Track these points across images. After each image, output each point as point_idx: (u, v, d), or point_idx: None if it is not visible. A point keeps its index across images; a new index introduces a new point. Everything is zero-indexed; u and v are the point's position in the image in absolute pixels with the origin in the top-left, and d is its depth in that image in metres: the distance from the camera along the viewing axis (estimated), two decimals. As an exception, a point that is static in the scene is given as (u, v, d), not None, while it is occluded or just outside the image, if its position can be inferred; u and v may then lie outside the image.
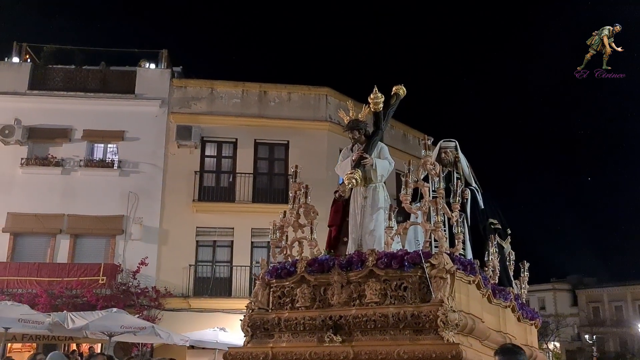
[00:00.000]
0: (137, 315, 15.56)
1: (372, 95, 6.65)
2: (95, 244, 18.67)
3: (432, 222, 5.65)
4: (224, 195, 19.37)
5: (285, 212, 6.50)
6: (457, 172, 7.44)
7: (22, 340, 15.87)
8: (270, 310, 5.93)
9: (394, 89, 7.01)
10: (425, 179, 6.34)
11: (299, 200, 6.40)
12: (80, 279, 17.48)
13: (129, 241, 18.59)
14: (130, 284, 17.88)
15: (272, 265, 6.15)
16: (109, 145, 19.50)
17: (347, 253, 6.06)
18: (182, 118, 19.45)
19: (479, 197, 7.49)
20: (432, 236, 5.70)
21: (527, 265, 8.24)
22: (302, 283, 5.76)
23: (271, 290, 6.03)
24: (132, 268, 17.99)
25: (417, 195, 6.29)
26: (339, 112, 7.04)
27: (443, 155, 7.43)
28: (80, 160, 18.90)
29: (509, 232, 7.93)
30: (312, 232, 6.24)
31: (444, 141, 7.65)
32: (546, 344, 50.87)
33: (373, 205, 6.44)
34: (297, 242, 6.36)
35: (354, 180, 6.21)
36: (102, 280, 17.57)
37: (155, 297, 17.84)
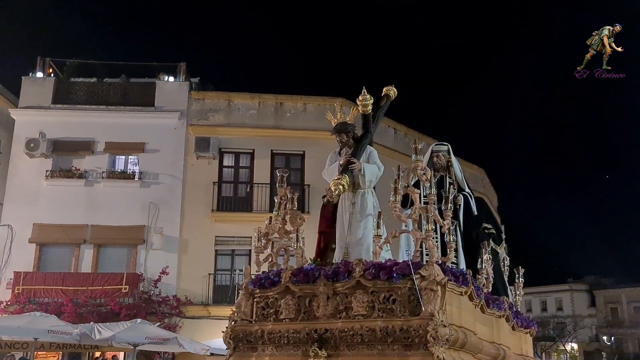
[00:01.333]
0: (158, 324, 15.63)
1: (360, 97, 6.35)
2: (117, 254, 18.98)
3: (422, 230, 5.37)
4: (241, 205, 19.50)
5: (270, 218, 6.22)
6: (449, 177, 7.09)
7: (50, 349, 16.36)
8: (253, 322, 5.62)
9: (384, 90, 6.70)
10: (416, 185, 6.05)
11: (285, 206, 6.08)
12: (103, 288, 18.01)
13: (150, 251, 18.87)
14: (152, 292, 18.07)
15: (255, 274, 5.83)
16: (130, 157, 19.79)
17: (334, 262, 5.77)
18: (200, 130, 19.62)
19: (472, 203, 7.14)
20: (423, 245, 5.39)
21: (522, 271, 7.93)
22: (287, 294, 5.46)
23: (255, 300, 5.71)
24: (153, 277, 18.21)
25: (407, 202, 5.94)
26: (327, 115, 6.76)
27: (435, 159, 7.10)
28: (103, 172, 19.22)
29: (504, 236, 7.67)
30: (297, 240, 5.95)
31: (435, 145, 7.35)
32: (563, 345, 50.68)
33: (361, 211, 6.14)
34: (283, 250, 6.04)
35: (341, 186, 5.92)
36: (125, 289, 17.81)
37: (176, 305, 18.03)
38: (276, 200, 6.19)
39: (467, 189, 7.22)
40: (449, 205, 5.86)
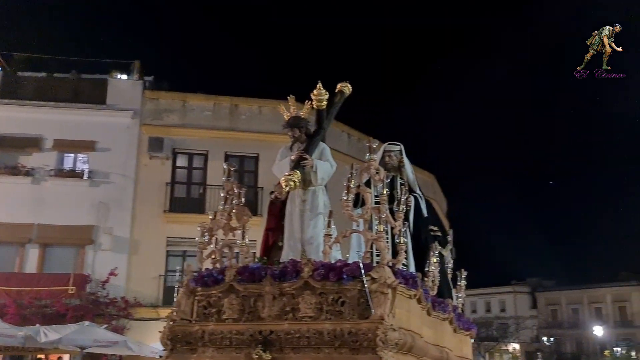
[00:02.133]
0: (105, 326, 15.25)
1: (315, 92, 6.09)
2: (64, 254, 18.40)
3: (373, 231, 5.20)
4: (194, 206, 19.04)
5: (215, 213, 5.90)
6: (401, 178, 6.91)
7: (-10, 351, 15.87)
8: (193, 322, 5.30)
9: (338, 86, 6.47)
10: (368, 184, 5.86)
11: (232, 201, 5.80)
12: (49, 289, 17.50)
13: (98, 251, 18.37)
14: (100, 294, 17.59)
15: (198, 271, 5.53)
16: (80, 155, 19.25)
17: (281, 260, 5.53)
18: (154, 129, 19.25)
19: (423, 205, 7.02)
20: (374, 246, 5.24)
21: (464, 274, 7.91)
22: (231, 293, 5.16)
23: (196, 299, 5.39)
24: (101, 278, 17.66)
25: (358, 202, 5.73)
26: (279, 109, 6.46)
27: (387, 159, 6.90)
28: (51, 169, 18.63)
29: (450, 239, 7.61)
30: (243, 237, 5.62)
31: (388, 144, 7.09)
32: (506, 345, 52.38)
33: (312, 210, 5.93)
34: (227, 247, 5.73)
35: (292, 183, 5.68)
36: (72, 290, 17.24)
37: (124, 307, 17.57)
38: (222, 195, 5.87)
39: (417, 191, 7.10)
40: (401, 206, 5.71)
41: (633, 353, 41.69)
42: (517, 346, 53.23)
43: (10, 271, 17.87)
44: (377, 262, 5.08)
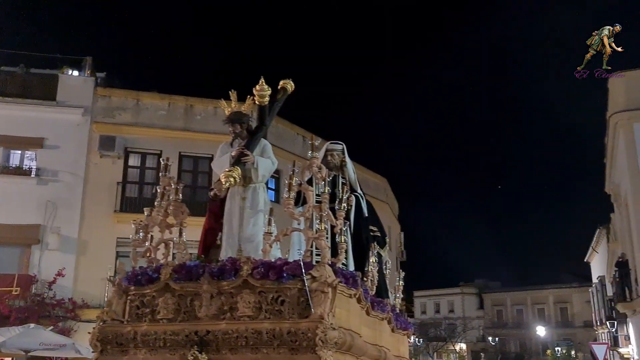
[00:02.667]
0: (51, 327, 14.77)
1: (257, 87, 5.98)
2: (9, 254, 17.66)
3: (314, 230, 5.14)
4: (146, 206, 19.15)
5: (151, 209, 5.75)
6: (342, 177, 6.81)
7: None
8: (125, 323, 5.07)
9: (281, 83, 6.37)
10: (310, 183, 5.76)
11: (169, 197, 5.60)
12: (-6, 289, 17.03)
13: (45, 251, 17.79)
14: (46, 295, 17.07)
15: (131, 270, 5.31)
16: (27, 152, 18.61)
17: (219, 259, 5.33)
18: (105, 128, 18.79)
19: (364, 205, 6.99)
20: (314, 245, 5.16)
21: (402, 274, 7.92)
22: (166, 292, 4.96)
23: (128, 298, 5.16)
24: (48, 279, 17.11)
25: (299, 200, 5.68)
26: (220, 104, 6.34)
27: (329, 158, 6.82)
28: None
29: (387, 240, 7.63)
30: (181, 234, 5.45)
31: (330, 143, 7.02)
32: (453, 345, 53.67)
33: (252, 207, 5.81)
34: (163, 245, 5.53)
35: (232, 179, 5.53)
36: (16, 291, 16.68)
37: (72, 308, 17.10)
38: (159, 190, 5.69)
39: (359, 190, 7.05)
40: (343, 205, 5.67)
41: (573, 352, 43.44)
42: (464, 346, 54.64)
43: (-49, 271, 17.18)
44: (317, 261, 5.00)
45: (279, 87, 6.37)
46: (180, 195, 5.65)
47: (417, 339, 49.68)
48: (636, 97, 15.33)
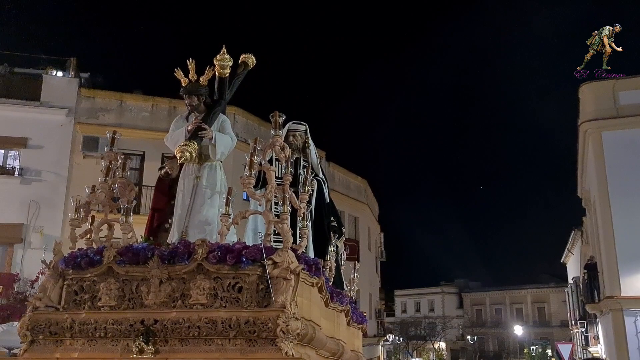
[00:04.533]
0: None
1: (218, 57, 5.48)
2: None
3: (274, 212, 4.76)
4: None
5: (93, 186, 5.28)
6: (304, 160, 6.37)
7: None
8: (61, 310, 4.50)
9: (242, 57, 5.92)
10: (270, 163, 5.33)
11: (114, 173, 5.16)
12: (-26, 288, 17.18)
13: (28, 250, 17.65)
14: (28, 293, 17.60)
15: (70, 252, 4.75)
16: (11, 152, 18.42)
17: (169, 242, 4.85)
18: (89, 128, 18.53)
19: (326, 190, 6.51)
20: (274, 229, 4.67)
21: (357, 265, 7.65)
22: (109, 276, 4.44)
23: (65, 283, 4.60)
24: (30, 277, 16.64)
25: (259, 181, 5.29)
26: (176, 73, 5.68)
27: (291, 138, 6.34)
28: None
29: (344, 230, 7.26)
30: (127, 214, 4.93)
31: (292, 123, 6.50)
32: (432, 344, 54.44)
33: (208, 187, 5.29)
34: (106, 226, 5.03)
35: (187, 154, 5.09)
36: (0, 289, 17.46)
37: None
38: (103, 165, 5.25)
39: (321, 175, 6.58)
40: (307, 187, 5.26)
41: (549, 351, 44.34)
42: (443, 345, 55.42)
43: None
44: (277, 247, 4.54)
45: (239, 61, 5.90)
46: (128, 171, 5.21)
47: (397, 338, 50.41)
48: (605, 107, 15.78)
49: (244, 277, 4.39)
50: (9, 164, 18.56)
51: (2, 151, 18.71)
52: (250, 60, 5.95)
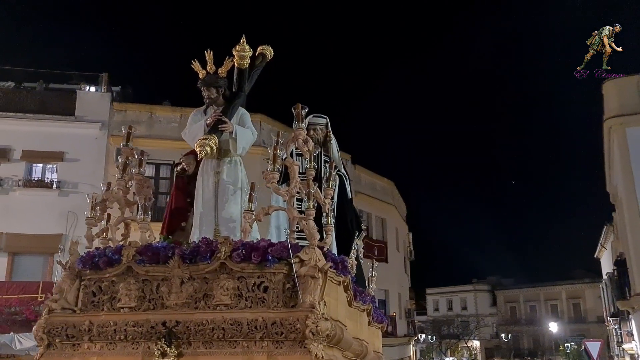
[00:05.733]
0: None
1: (237, 47, 5.17)
2: (33, 262, 18.28)
3: (300, 209, 4.52)
4: (160, 214, 20.19)
5: (108, 184, 5.09)
6: (325, 154, 6.09)
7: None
8: (79, 312, 4.30)
9: (259, 48, 5.63)
10: (291, 157, 5.00)
11: (131, 170, 4.97)
12: (19, 296, 18.02)
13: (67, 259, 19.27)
14: None
15: (87, 251, 4.54)
16: (48, 166, 19.00)
17: (188, 241, 4.58)
18: (121, 140, 20.20)
19: (348, 186, 6.21)
20: (297, 226, 4.44)
21: (375, 264, 7.32)
22: (128, 276, 4.24)
23: (82, 284, 4.40)
24: None
25: (280, 176, 4.95)
26: (194, 64, 5.41)
27: (312, 132, 6.03)
28: (19, 180, 18.33)
29: (364, 227, 7.04)
30: (145, 212, 4.76)
31: (313, 116, 6.20)
32: (466, 342, 54.16)
33: (230, 183, 5.07)
34: (122, 224, 4.87)
35: (208, 148, 4.83)
36: (41, 297, 17.92)
37: None
38: (120, 160, 5.08)
39: (342, 170, 6.32)
40: (331, 182, 5.01)
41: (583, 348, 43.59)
42: (477, 343, 55.11)
43: (-21, 279, 18.19)
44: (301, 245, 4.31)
45: (256, 53, 5.65)
46: (145, 168, 4.98)
47: (429, 337, 50.34)
48: (628, 103, 15.71)
49: (270, 276, 4.15)
50: (47, 177, 19.36)
51: (41, 165, 19.46)
52: (268, 51, 5.71)
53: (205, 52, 5.23)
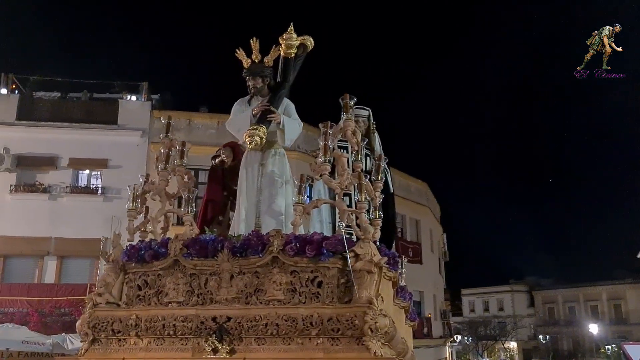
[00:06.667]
0: None
1: (285, 35, 4.96)
2: (80, 265, 18.96)
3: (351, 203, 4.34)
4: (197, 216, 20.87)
5: (147, 175, 4.99)
6: (366, 147, 5.70)
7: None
8: (124, 306, 4.13)
9: (299, 39, 5.32)
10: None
11: (173, 162, 4.81)
12: (68, 298, 18.10)
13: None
14: None
15: (131, 243, 4.39)
16: (93, 172, 19.63)
17: (227, 235, 4.35)
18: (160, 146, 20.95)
19: (390, 179, 5.93)
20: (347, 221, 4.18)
21: (404, 261, 6.77)
22: (176, 270, 4.07)
23: (127, 278, 4.24)
24: None
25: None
26: (237, 54, 5.27)
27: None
28: (66, 186, 19.03)
29: (397, 224, 6.24)
30: (189, 204, 4.56)
31: (356, 108, 5.72)
32: (503, 343, 53.62)
33: (277, 175, 4.86)
34: (163, 217, 4.69)
35: (257, 138, 4.67)
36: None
37: None
38: (162, 151, 4.94)
39: (384, 164, 5.80)
40: (380, 175, 4.73)
41: (625, 350, 42.68)
42: (514, 344, 54.48)
43: (31, 282, 18.25)
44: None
45: (298, 44, 5.40)
46: (186, 159, 4.81)
47: (466, 338, 50.07)
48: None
49: (324, 270, 3.97)
50: (93, 184, 20.21)
51: (86, 172, 20.29)
52: (309, 42, 5.39)
53: (251, 41, 5.02)
